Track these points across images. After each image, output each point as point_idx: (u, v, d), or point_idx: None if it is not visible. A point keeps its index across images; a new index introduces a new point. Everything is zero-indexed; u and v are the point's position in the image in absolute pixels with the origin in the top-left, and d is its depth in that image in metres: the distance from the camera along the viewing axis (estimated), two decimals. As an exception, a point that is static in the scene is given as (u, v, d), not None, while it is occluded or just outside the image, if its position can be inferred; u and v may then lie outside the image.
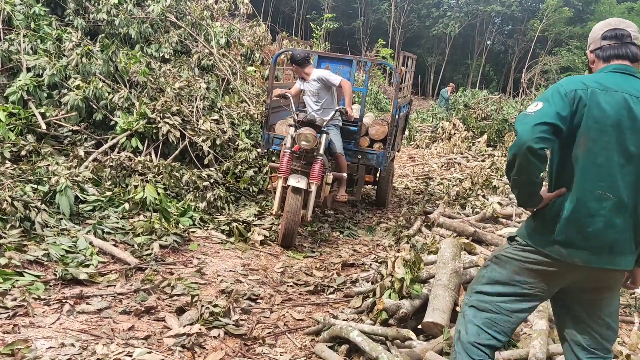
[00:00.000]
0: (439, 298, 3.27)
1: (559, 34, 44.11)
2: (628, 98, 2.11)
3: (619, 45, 2.25)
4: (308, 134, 5.28)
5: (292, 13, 45.04)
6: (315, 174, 5.33)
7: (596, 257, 2.14)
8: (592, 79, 2.18)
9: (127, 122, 6.43)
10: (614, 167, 2.12)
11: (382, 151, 6.39)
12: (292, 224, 5.13)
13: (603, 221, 2.12)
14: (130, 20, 8.43)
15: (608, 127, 2.10)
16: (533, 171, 2.11)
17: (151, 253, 4.50)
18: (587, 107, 2.11)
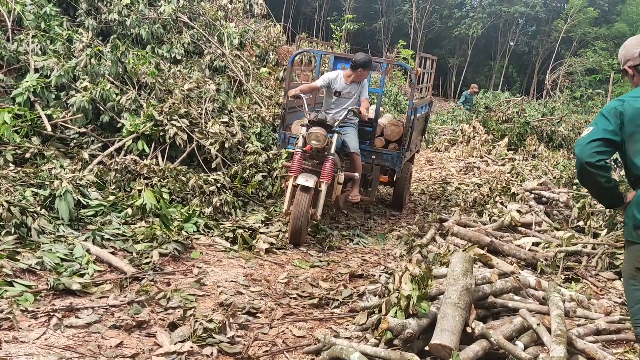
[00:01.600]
0: (448, 318, 3.02)
1: (584, 34, 43.23)
2: None
3: None
4: (319, 134, 5.30)
5: (313, 14, 44.92)
6: (326, 173, 5.34)
7: None
8: (628, 95, 2.67)
9: (134, 125, 6.28)
10: None
11: (397, 152, 6.42)
12: (299, 221, 5.14)
13: None
14: (142, 21, 8.31)
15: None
16: (598, 180, 2.59)
17: (150, 261, 4.32)
18: (627, 116, 2.56)
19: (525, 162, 10.94)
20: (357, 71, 5.94)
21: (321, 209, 5.38)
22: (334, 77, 6.10)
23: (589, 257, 5.31)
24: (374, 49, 42.10)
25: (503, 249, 5.03)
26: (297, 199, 5.16)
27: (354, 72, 5.96)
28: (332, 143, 5.43)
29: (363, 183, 6.36)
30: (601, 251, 5.25)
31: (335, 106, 6.10)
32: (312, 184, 5.17)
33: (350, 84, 6.05)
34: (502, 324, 3.17)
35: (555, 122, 13.76)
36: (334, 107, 6.10)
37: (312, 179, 5.20)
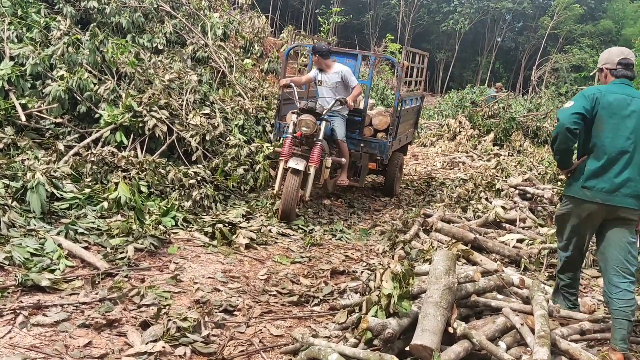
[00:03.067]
0: (430, 317, 2.92)
1: (570, 31, 43.46)
2: (626, 96, 3.43)
3: (625, 69, 3.55)
4: (308, 121, 5.72)
5: (300, 7, 44.64)
6: (315, 157, 5.73)
7: (610, 195, 3.35)
8: (605, 87, 3.52)
9: (112, 115, 6.11)
10: (622, 138, 3.37)
11: (385, 140, 6.80)
12: (289, 201, 5.56)
13: (617, 173, 3.36)
14: (122, 9, 8.11)
15: (614, 114, 3.40)
16: (569, 143, 3.42)
17: (125, 257, 4.18)
18: (600, 103, 3.41)
19: (510, 158, 10.91)
20: (315, 57, 6.36)
21: (309, 190, 5.83)
22: (316, 70, 6.56)
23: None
24: (361, 43, 41.97)
25: (487, 246, 4.96)
26: (288, 180, 5.57)
27: (314, 58, 6.42)
28: (320, 130, 5.82)
29: (353, 170, 6.76)
30: (585, 248, 5.19)
31: (319, 94, 6.52)
32: (302, 167, 5.58)
33: (328, 73, 6.41)
34: (485, 323, 3.09)
35: (541, 117, 13.76)
36: (323, 95, 6.47)
37: (302, 163, 5.61)
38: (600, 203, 3.36)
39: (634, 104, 3.39)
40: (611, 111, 3.38)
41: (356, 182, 6.79)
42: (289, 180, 5.57)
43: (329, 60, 6.43)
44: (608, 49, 3.72)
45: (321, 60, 6.33)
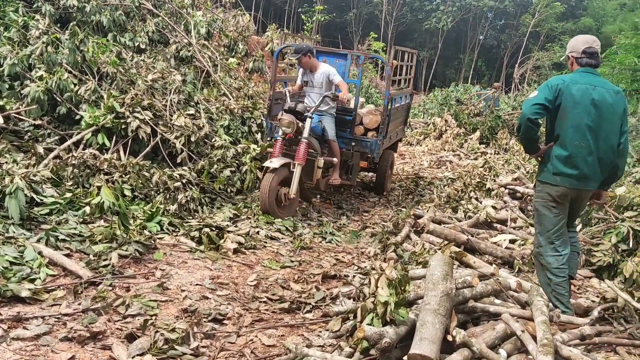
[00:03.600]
0: (428, 325, 2.82)
1: (551, 29, 43.85)
2: (588, 86, 3.60)
3: (590, 58, 3.69)
4: (287, 121, 5.77)
5: (283, 5, 44.42)
6: (300, 155, 5.76)
7: (579, 181, 3.65)
8: (569, 77, 3.67)
9: (94, 117, 5.93)
10: (584, 127, 3.58)
11: (375, 139, 6.81)
12: (265, 201, 5.59)
13: (582, 160, 3.61)
14: (103, 7, 7.90)
15: (578, 104, 3.57)
16: (531, 132, 3.64)
17: (109, 264, 4.03)
18: (564, 93, 3.59)
19: (497, 156, 10.89)
20: (299, 58, 6.35)
21: (295, 188, 5.76)
22: (302, 71, 6.61)
23: (565, 254, 5.22)
24: (345, 41, 41.91)
25: (480, 247, 4.89)
26: (263, 179, 5.66)
27: (297, 60, 6.45)
28: (304, 128, 5.83)
29: (345, 169, 6.80)
30: (577, 248, 5.15)
31: (309, 94, 6.52)
32: (278, 164, 5.60)
33: (314, 74, 6.43)
34: (484, 330, 3.00)
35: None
36: (310, 95, 6.49)
37: (279, 161, 5.66)
38: (569, 187, 3.67)
39: (596, 94, 3.57)
40: (574, 101, 3.56)
41: (348, 180, 6.84)
42: (264, 179, 5.65)
43: (314, 60, 6.41)
44: (576, 37, 3.88)
45: (307, 61, 6.32)
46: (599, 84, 3.62)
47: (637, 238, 4.84)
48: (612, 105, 3.60)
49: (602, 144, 3.61)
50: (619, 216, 5.20)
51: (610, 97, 3.60)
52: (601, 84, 3.63)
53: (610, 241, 4.95)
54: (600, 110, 3.57)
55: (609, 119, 3.59)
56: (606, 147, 3.62)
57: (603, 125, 3.58)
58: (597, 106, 3.56)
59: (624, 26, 37.60)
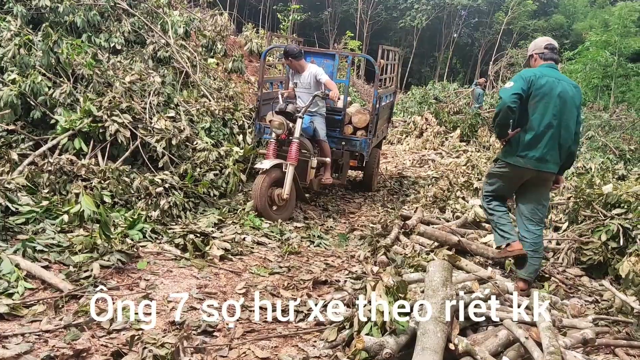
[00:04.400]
0: (429, 334, 2.73)
1: (524, 27, 44.39)
2: (554, 80, 4.05)
3: (552, 52, 4.19)
4: (276, 122, 5.86)
5: (258, 4, 44.11)
6: (291, 155, 5.81)
7: (539, 163, 4.06)
8: (537, 71, 4.10)
9: (69, 121, 5.71)
10: (547, 116, 4.02)
11: (365, 138, 6.92)
12: (258, 202, 5.62)
13: (544, 145, 4.04)
14: (77, 7, 7.64)
15: (546, 94, 4.01)
16: (508, 117, 4.05)
17: (90, 275, 3.85)
18: (535, 85, 4.00)
19: (478, 154, 10.89)
20: (287, 60, 6.46)
21: (288, 188, 5.76)
22: (291, 72, 6.71)
23: (554, 253, 5.19)
24: (320, 40, 41.81)
25: (471, 248, 4.82)
26: (255, 181, 5.68)
27: (287, 62, 6.56)
28: (294, 128, 5.89)
29: (335, 168, 6.92)
30: (567, 247, 5.13)
31: (299, 95, 6.57)
32: (269, 165, 5.64)
33: (302, 75, 6.50)
34: (486, 337, 2.92)
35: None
36: (299, 96, 6.55)
37: (271, 162, 5.70)
38: (531, 168, 4.10)
39: (560, 87, 4.05)
40: (543, 92, 4.01)
41: (338, 179, 7.00)
42: (256, 180, 5.68)
43: (302, 61, 6.50)
44: (534, 40, 4.45)
45: (294, 62, 6.41)
46: (562, 78, 4.14)
47: (627, 236, 4.83)
48: (572, 97, 4.11)
49: (563, 132, 4.09)
50: (607, 214, 5.18)
51: (570, 90, 4.11)
52: (563, 79, 4.15)
53: (600, 239, 4.93)
54: (564, 101, 4.05)
55: (569, 109, 4.08)
56: (566, 134, 4.10)
57: (564, 114, 4.07)
58: (561, 97, 4.04)
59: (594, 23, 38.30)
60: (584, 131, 14.20)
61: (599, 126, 15.50)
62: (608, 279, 4.80)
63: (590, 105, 22.56)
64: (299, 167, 5.97)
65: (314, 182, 6.46)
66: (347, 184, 7.97)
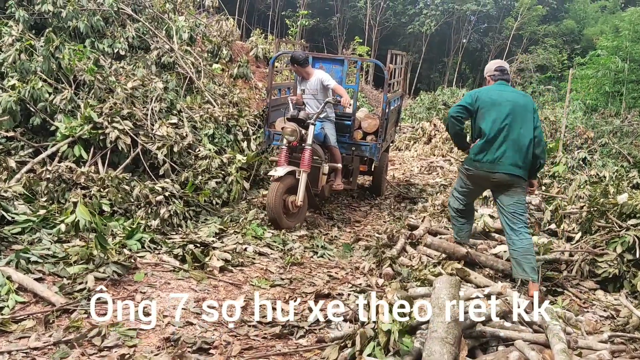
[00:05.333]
0: (436, 356, 2.57)
1: (534, 32, 44.10)
2: (501, 91, 4.50)
3: (501, 74, 4.69)
4: (289, 129, 5.82)
5: (267, 10, 44.18)
6: (305, 162, 5.78)
7: (494, 165, 4.39)
8: (485, 88, 4.67)
9: (70, 128, 5.60)
10: (498, 123, 4.38)
11: (374, 143, 6.92)
12: (272, 210, 5.53)
13: (496, 148, 4.38)
14: (80, 12, 7.56)
15: (492, 105, 4.43)
16: (455, 127, 4.58)
17: (84, 288, 3.72)
18: (480, 98, 4.48)
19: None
20: (294, 67, 6.45)
21: (301, 195, 5.74)
22: (299, 79, 6.70)
23: (567, 265, 5.00)
24: (329, 46, 41.75)
25: (480, 260, 4.65)
26: (269, 188, 5.61)
27: (293, 68, 6.58)
28: (307, 135, 5.84)
29: (345, 173, 6.87)
30: (580, 259, 4.94)
31: (306, 101, 6.53)
32: (283, 173, 5.58)
33: (309, 81, 6.46)
34: (496, 359, 2.75)
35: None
36: (307, 102, 6.51)
37: (284, 169, 5.65)
38: (486, 171, 4.45)
39: (509, 96, 4.48)
40: (491, 103, 4.44)
41: (349, 184, 6.93)
42: (270, 187, 5.60)
43: (309, 68, 6.48)
44: (489, 63, 4.93)
45: (300, 69, 6.38)
46: (509, 89, 4.60)
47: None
48: (524, 105, 4.46)
49: (518, 136, 4.37)
50: (622, 224, 4.99)
51: (520, 99, 4.51)
52: (510, 90, 4.61)
53: (615, 251, 4.74)
54: (513, 107, 4.41)
55: (521, 115, 4.41)
56: (523, 137, 4.37)
57: (516, 119, 4.39)
58: (510, 104, 4.42)
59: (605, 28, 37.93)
60: (596, 137, 13.95)
61: (610, 132, 15.22)
62: (624, 293, 4.61)
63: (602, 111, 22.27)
64: (311, 174, 5.90)
65: (326, 188, 6.40)
66: (349, 195, 7.87)
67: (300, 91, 6.59)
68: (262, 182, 7.54)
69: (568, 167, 8.40)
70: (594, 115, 20.88)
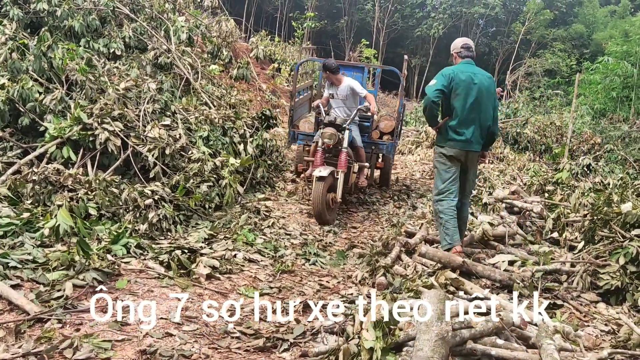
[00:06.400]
0: (420, 377, 2.40)
1: (542, 36, 43.80)
2: (471, 74, 4.82)
3: (467, 51, 4.99)
4: (330, 133, 6.44)
5: (275, 13, 44.15)
6: (342, 163, 6.47)
7: (467, 144, 4.86)
8: (456, 68, 4.89)
9: (59, 128, 5.48)
10: (469, 103, 4.78)
11: (391, 142, 7.74)
12: (317, 204, 6.09)
13: (467, 129, 4.83)
14: (75, 11, 7.45)
15: (465, 87, 4.77)
16: (433, 109, 4.85)
17: (62, 296, 3.58)
18: (455, 80, 4.78)
19: (491, 166, 10.50)
20: (326, 73, 7.08)
21: (340, 192, 6.42)
22: (327, 84, 7.37)
23: (568, 276, 4.81)
24: (336, 49, 41.65)
25: (476, 270, 4.46)
26: (314, 187, 6.11)
27: (325, 74, 7.19)
28: (343, 139, 6.52)
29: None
30: (582, 269, 4.75)
31: (335, 106, 7.18)
32: (326, 173, 6.10)
33: (339, 87, 7.10)
34: (486, 380, 2.58)
35: (521, 123, 13.42)
36: (335, 107, 7.17)
37: (326, 170, 6.18)
38: (460, 149, 4.87)
39: (477, 79, 4.83)
40: (463, 85, 4.77)
41: (367, 179, 7.49)
42: (315, 186, 6.10)
43: (339, 75, 7.12)
44: (455, 40, 5.18)
45: (331, 75, 7.04)
46: (477, 72, 4.91)
47: (647, 259, 4.44)
48: (488, 87, 4.89)
49: (483, 116, 4.87)
50: (625, 234, 4.80)
51: (485, 81, 4.90)
52: (479, 72, 4.92)
53: (618, 262, 4.55)
54: (481, 91, 4.82)
55: (486, 97, 4.86)
56: (485, 118, 4.90)
57: (482, 102, 4.84)
58: (478, 88, 4.80)
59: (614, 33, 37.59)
60: (603, 143, 13.75)
61: (618, 138, 15.00)
62: (626, 306, 4.43)
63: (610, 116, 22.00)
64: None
65: (353, 185, 7.03)
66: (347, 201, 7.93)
67: (329, 95, 7.12)
68: (258, 186, 7.39)
69: (572, 173, 8.21)
70: (602, 121, 20.62)
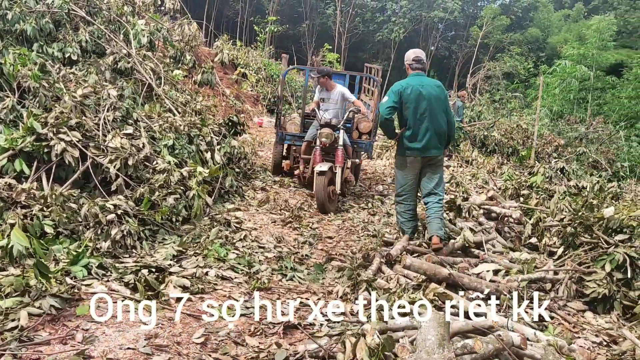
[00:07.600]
0: (425, 412, 2.17)
1: (499, 40, 44.68)
2: (419, 86, 5.40)
3: (417, 64, 5.55)
4: (327, 133, 7.40)
5: (235, 17, 43.68)
6: (339, 159, 7.34)
7: (423, 151, 5.47)
8: (406, 81, 5.49)
9: (10, 140, 5.05)
10: (420, 114, 5.39)
11: (370, 141, 8.57)
12: (321, 198, 6.95)
13: (422, 137, 5.42)
14: (28, 15, 6.99)
15: (414, 100, 5.38)
16: (389, 125, 5.49)
17: (17, 326, 3.21)
18: (403, 94, 5.40)
19: (461, 169, 10.43)
20: (324, 79, 7.97)
21: (339, 185, 7.27)
22: (319, 89, 8.29)
23: (553, 284, 4.68)
24: (298, 53, 41.43)
25: (463, 282, 4.29)
26: (316, 181, 6.92)
27: (321, 80, 8.02)
28: (339, 138, 7.48)
29: None
30: (567, 277, 4.63)
31: (325, 109, 7.97)
32: (326, 168, 6.90)
33: (331, 92, 8.02)
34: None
35: (488, 126, 13.46)
36: (324, 110, 7.94)
37: (326, 165, 6.97)
38: (416, 156, 5.47)
39: (425, 90, 5.38)
40: (411, 98, 5.35)
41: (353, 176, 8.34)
42: (317, 180, 6.89)
43: (332, 81, 8.09)
44: (407, 52, 5.71)
45: (327, 81, 7.98)
46: (425, 82, 5.45)
47: (633, 266, 4.34)
48: (437, 95, 5.43)
49: (436, 123, 5.42)
50: (610, 240, 4.70)
51: (434, 90, 5.43)
52: (427, 82, 5.47)
53: (604, 269, 4.44)
54: (430, 100, 5.37)
55: (436, 105, 5.40)
56: (439, 124, 5.44)
57: (433, 110, 5.39)
58: (427, 98, 5.36)
59: (568, 36, 38.64)
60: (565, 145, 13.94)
61: (575, 138, 15.28)
62: (615, 315, 4.32)
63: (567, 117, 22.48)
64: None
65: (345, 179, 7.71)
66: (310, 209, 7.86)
67: (319, 99, 8.06)
68: (227, 196, 7.07)
69: (546, 177, 8.19)
70: (559, 122, 21.03)
